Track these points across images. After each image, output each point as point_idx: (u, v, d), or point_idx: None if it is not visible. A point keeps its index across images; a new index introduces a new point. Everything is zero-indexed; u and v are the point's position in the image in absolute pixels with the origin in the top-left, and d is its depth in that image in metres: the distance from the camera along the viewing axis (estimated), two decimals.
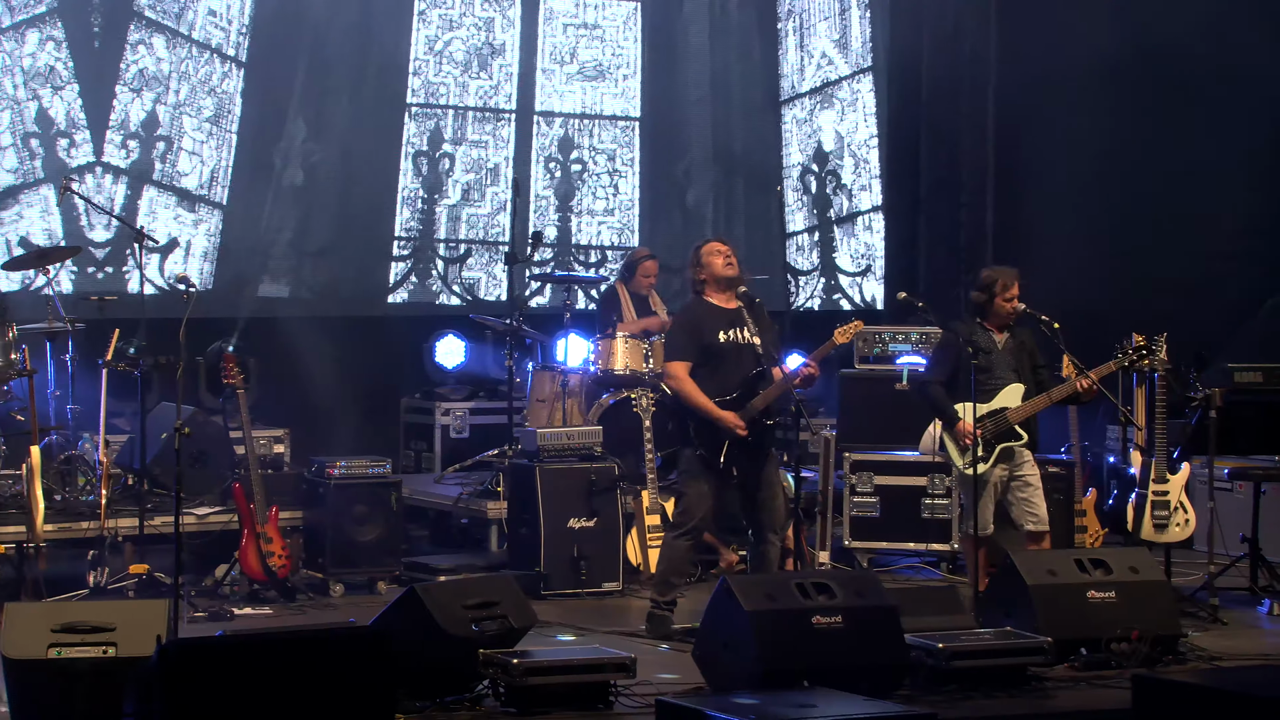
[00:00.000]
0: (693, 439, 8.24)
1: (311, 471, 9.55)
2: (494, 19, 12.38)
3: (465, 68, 12.28)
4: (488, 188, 12.31)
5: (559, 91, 12.58)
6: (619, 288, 10.93)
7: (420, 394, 11.93)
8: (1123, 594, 7.78)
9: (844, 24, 13.17)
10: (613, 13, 12.71)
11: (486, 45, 12.33)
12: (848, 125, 13.18)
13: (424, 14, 12.21)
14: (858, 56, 13.21)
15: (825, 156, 13.15)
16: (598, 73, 12.67)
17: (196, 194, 11.47)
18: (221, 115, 11.50)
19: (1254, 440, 9.50)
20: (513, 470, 9.78)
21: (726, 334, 8.25)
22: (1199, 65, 11.73)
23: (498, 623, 7.18)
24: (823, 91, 13.21)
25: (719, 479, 8.24)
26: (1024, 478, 8.58)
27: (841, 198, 13.23)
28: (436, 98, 12.23)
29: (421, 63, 12.18)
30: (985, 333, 8.64)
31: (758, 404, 8.19)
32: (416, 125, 12.19)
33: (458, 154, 12.23)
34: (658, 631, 8.32)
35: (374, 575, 9.41)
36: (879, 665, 7.13)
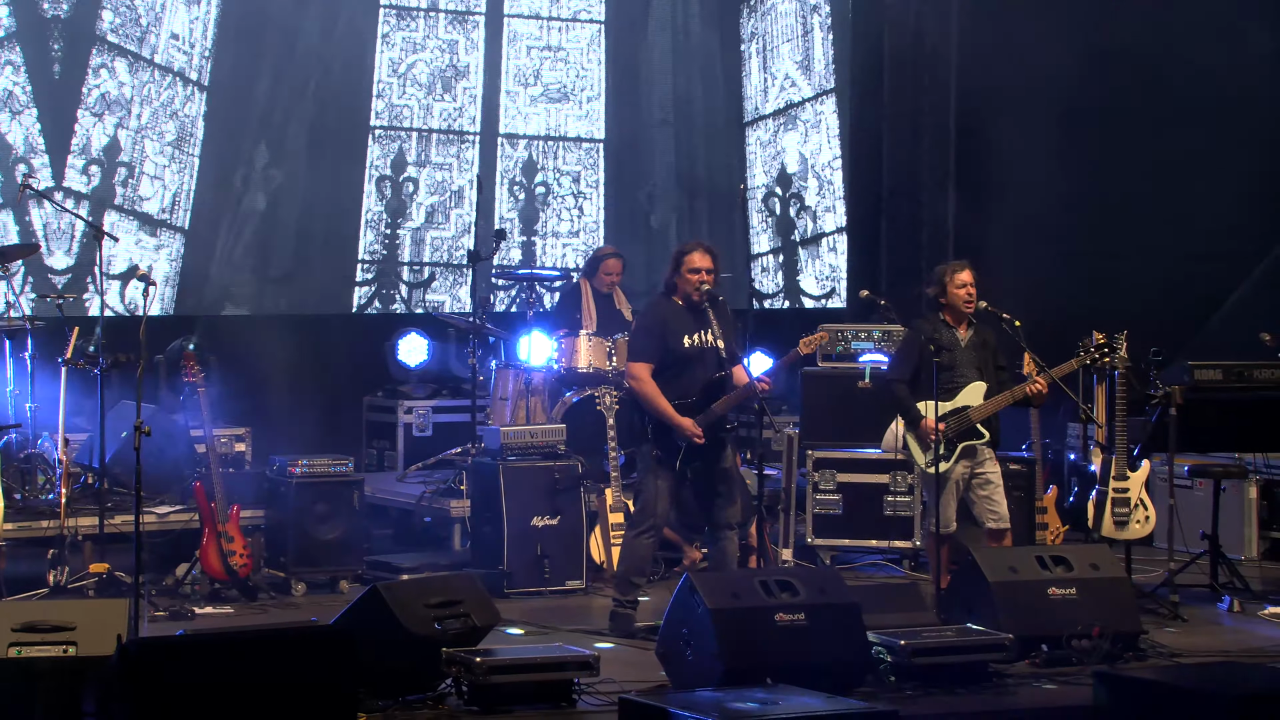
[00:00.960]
0: (650, 439, 8.25)
1: (273, 470, 9.52)
2: (458, 41, 12.36)
3: (429, 90, 12.26)
4: (452, 210, 12.29)
5: (523, 114, 12.58)
6: (582, 284, 10.93)
7: (383, 392, 11.89)
8: (1084, 591, 7.82)
9: (806, 45, 13.22)
10: (576, 35, 12.71)
11: (450, 68, 12.31)
12: (811, 147, 13.23)
13: (388, 36, 12.17)
14: (820, 78, 13.26)
15: (789, 179, 13.19)
16: (562, 95, 12.67)
17: (158, 218, 11.41)
18: (183, 139, 11.46)
19: (1214, 438, 9.58)
20: (476, 468, 9.77)
21: (691, 338, 8.26)
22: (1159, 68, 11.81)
23: (461, 621, 7.17)
24: (786, 113, 13.25)
25: (676, 478, 8.26)
26: (985, 475, 8.62)
27: (806, 219, 13.27)
28: (400, 120, 12.20)
29: (385, 85, 12.15)
30: (948, 329, 8.68)
31: (718, 409, 8.21)
32: (380, 148, 12.16)
33: (421, 176, 12.22)
34: (620, 630, 8.32)
35: (336, 574, 9.38)
36: (841, 662, 7.16)
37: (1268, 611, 8.81)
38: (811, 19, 13.25)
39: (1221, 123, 11.92)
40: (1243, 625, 8.67)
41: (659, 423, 8.21)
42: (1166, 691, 6.44)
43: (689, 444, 8.17)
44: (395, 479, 11.11)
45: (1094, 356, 8.67)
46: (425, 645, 7.00)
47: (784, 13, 13.23)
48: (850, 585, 7.65)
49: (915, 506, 10.05)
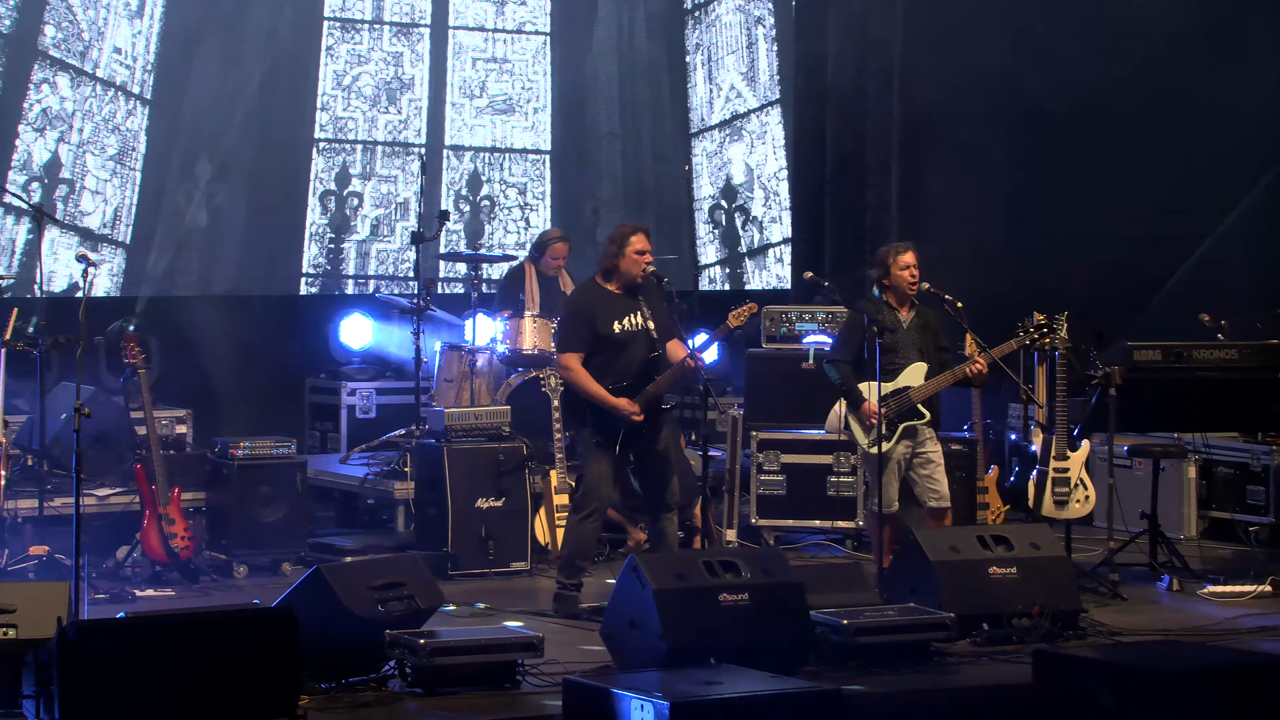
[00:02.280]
0: (589, 423, 8.26)
1: (215, 452, 9.47)
2: (403, 53, 12.29)
3: (374, 102, 12.19)
4: (397, 223, 12.24)
5: (469, 126, 12.53)
6: (526, 267, 10.90)
7: (326, 374, 11.84)
8: (1024, 570, 7.88)
9: (751, 57, 13.24)
10: (522, 46, 12.66)
11: (395, 80, 12.25)
12: (757, 158, 13.25)
13: (332, 49, 12.10)
14: (765, 89, 13.29)
15: (735, 190, 13.21)
16: (507, 107, 12.63)
17: (99, 233, 11.30)
18: (125, 153, 11.36)
19: (1153, 418, 9.66)
20: (420, 450, 9.75)
21: (620, 323, 8.27)
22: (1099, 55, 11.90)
23: (404, 603, 7.16)
24: (732, 124, 13.27)
25: (616, 462, 8.27)
26: (926, 455, 8.68)
27: (752, 230, 13.30)
28: (345, 133, 12.14)
29: (329, 98, 12.08)
30: (891, 311, 8.73)
31: (652, 389, 8.23)
32: (325, 161, 12.08)
33: (366, 189, 12.15)
34: (565, 611, 8.34)
35: (278, 556, 9.34)
36: (785, 642, 7.19)
37: (1206, 590, 8.90)
38: (756, 30, 13.27)
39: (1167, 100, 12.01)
40: (1182, 604, 8.75)
41: (596, 407, 8.22)
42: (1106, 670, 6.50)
43: (628, 426, 8.18)
44: (338, 461, 11.07)
45: (1033, 337, 8.73)
46: (368, 627, 6.98)
47: (728, 24, 13.23)
48: (794, 565, 7.70)
49: (858, 487, 10.10)
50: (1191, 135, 11.90)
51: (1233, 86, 11.71)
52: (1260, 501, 10.20)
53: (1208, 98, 11.86)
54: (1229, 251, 11.69)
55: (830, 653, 7.28)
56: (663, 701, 5.99)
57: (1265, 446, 10.19)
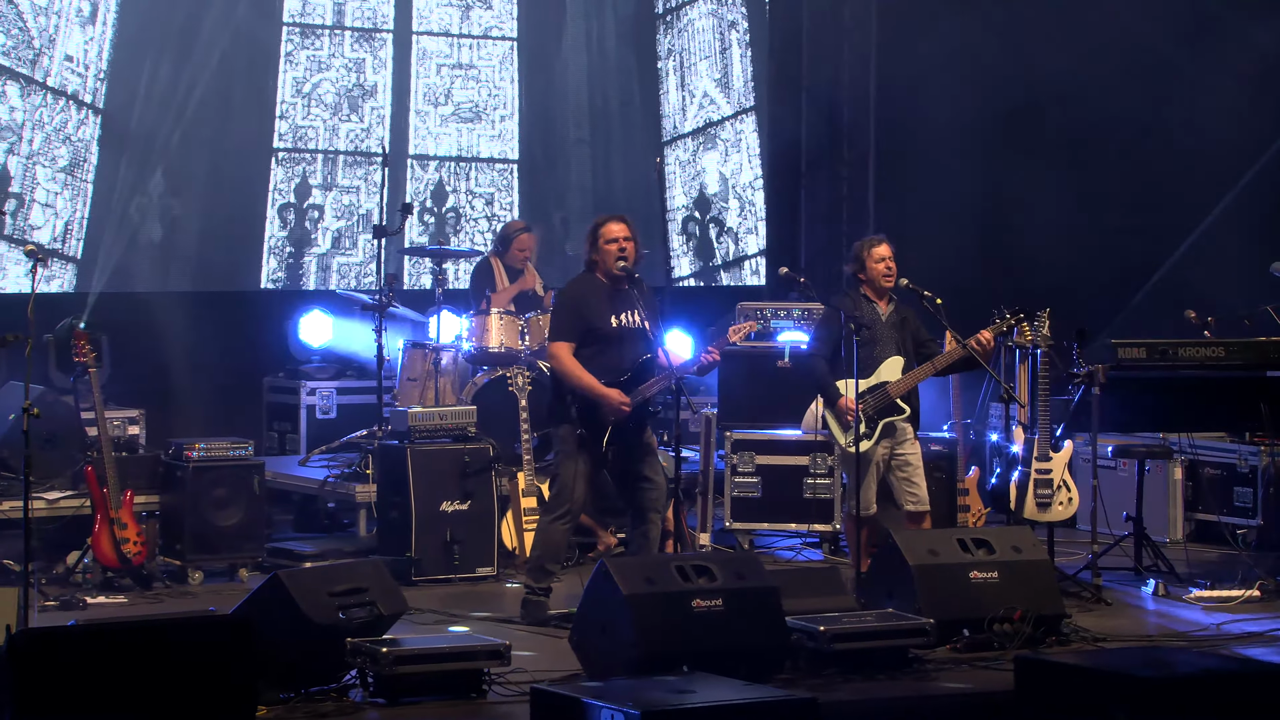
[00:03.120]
0: (574, 418, 8.24)
1: (168, 454, 9.44)
2: (365, 60, 12.25)
3: (335, 110, 12.15)
4: (360, 235, 12.20)
5: (433, 134, 12.50)
6: (493, 261, 10.90)
7: (284, 372, 11.81)
8: (1005, 574, 7.91)
9: (725, 62, 13.24)
10: (489, 52, 12.63)
11: (357, 87, 12.20)
12: (731, 166, 13.26)
13: (291, 55, 12.05)
14: (740, 95, 13.29)
15: (709, 201, 13.21)
16: (474, 114, 12.61)
17: (50, 247, 11.24)
18: (77, 165, 11.29)
19: (1138, 417, 9.71)
20: (382, 452, 9.72)
21: (618, 318, 8.26)
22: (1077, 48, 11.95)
23: (366, 610, 7.14)
24: (705, 132, 13.27)
25: (596, 460, 8.25)
26: (905, 456, 8.71)
27: (727, 242, 13.30)
28: (305, 142, 12.09)
29: (289, 106, 12.03)
30: (869, 304, 8.76)
31: (645, 390, 8.22)
32: (284, 171, 12.04)
33: (327, 201, 12.12)
34: (533, 617, 8.33)
35: (235, 562, 9.32)
36: (759, 648, 7.20)
37: (1193, 595, 8.95)
38: (729, 35, 13.27)
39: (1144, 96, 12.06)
40: (1167, 609, 8.80)
41: (584, 401, 8.20)
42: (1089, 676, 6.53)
43: (616, 421, 8.17)
44: (297, 463, 11.04)
45: (1010, 324, 8.76)
46: (328, 635, 6.97)
47: (701, 29, 13.23)
48: (769, 569, 7.71)
49: (835, 489, 10.12)
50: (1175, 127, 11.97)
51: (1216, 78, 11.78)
52: (1248, 503, 10.25)
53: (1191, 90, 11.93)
54: (1215, 246, 11.76)
55: (806, 659, 7.30)
56: (634, 711, 6.00)
57: (1253, 447, 10.25)
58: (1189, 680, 6.42)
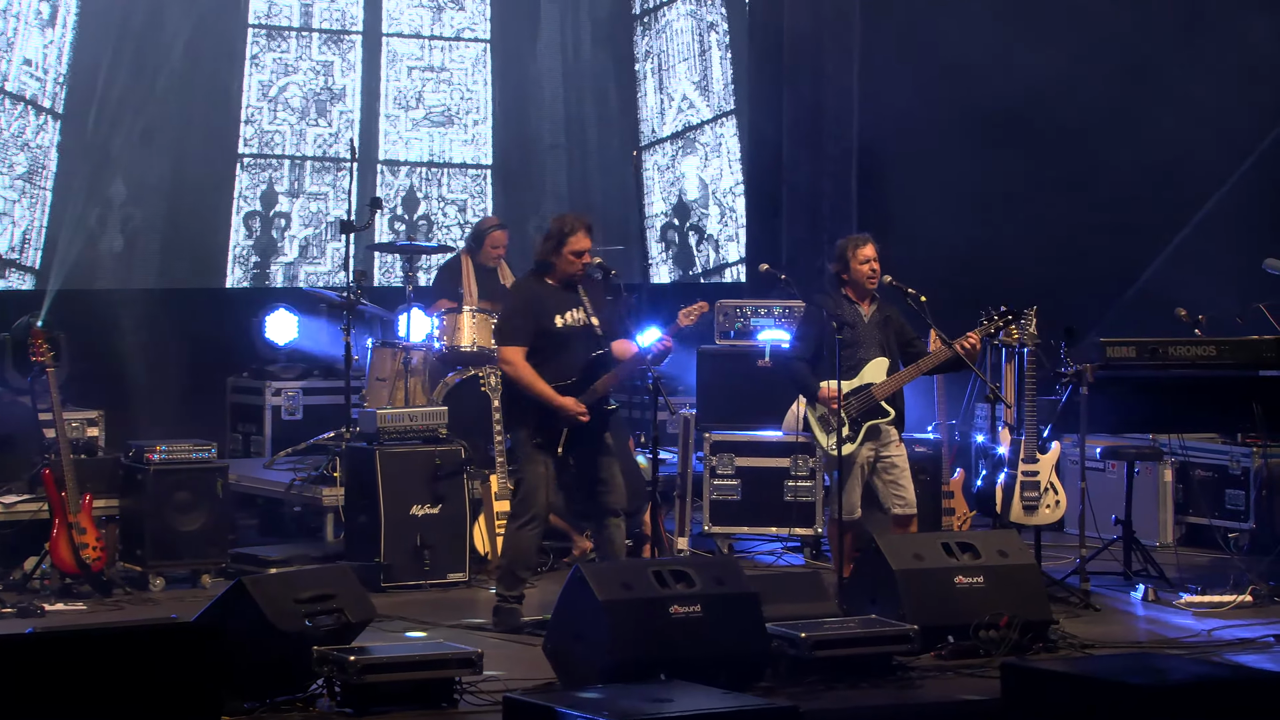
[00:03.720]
0: (529, 424, 8.25)
1: (129, 456, 9.41)
2: (333, 62, 12.21)
3: (302, 115, 12.11)
4: (328, 244, 12.17)
5: (404, 139, 12.47)
6: (464, 259, 10.89)
7: (249, 372, 11.78)
8: (991, 579, 7.93)
9: (704, 65, 13.24)
10: (461, 54, 12.61)
11: (325, 90, 12.16)
12: (711, 172, 13.26)
13: (257, 58, 12.00)
14: (720, 99, 13.29)
15: (688, 208, 13.20)
16: (445, 118, 12.58)
17: (6, 258, 11.19)
18: (35, 172, 11.23)
19: (1127, 418, 9.73)
20: (350, 454, 9.71)
21: (564, 318, 8.28)
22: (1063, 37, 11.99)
23: (333, 617, 7.14)
24: (684, 136, 13.26)
25: (557, 464, 8.27)
26: (891, 459, 8.72)
27: (707, 250, 13.30)
28: (271, 147, 12.05)
29: (255, 110, 11.99)
30: (851, 305, 8.77)
31: (598, 388, 8.23)
32: (249, 177, 12.00)
33: (294, 208, 12.09)
34: (506, 624, 8.33)
35: (198, 568, 9.31)
36: (739, 656, 7.21)
37: (1183, 600, 8.97)
38: (709, 36, 13.27)
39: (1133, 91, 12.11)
40: (1157, 614, 8.83)
41: (539, 407, 8.22)
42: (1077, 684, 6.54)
43: (571, 426, 8.18)
44: (262, 465, 11.03)
45: (998, 325, 8.79)
46: (295, 643, 6.96)
47: (680, 30, 13.22)
48: (749, 575, 7.71)
49: (817, 491, 10.14)
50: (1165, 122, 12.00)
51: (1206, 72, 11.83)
52: (1240, 506, 10.29)
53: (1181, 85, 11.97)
54: (1205, 243, 11.81)
55: (787, 667, 7.30)
56: None
57: (1245, 448, 10.29)
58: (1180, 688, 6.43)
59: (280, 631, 6.97)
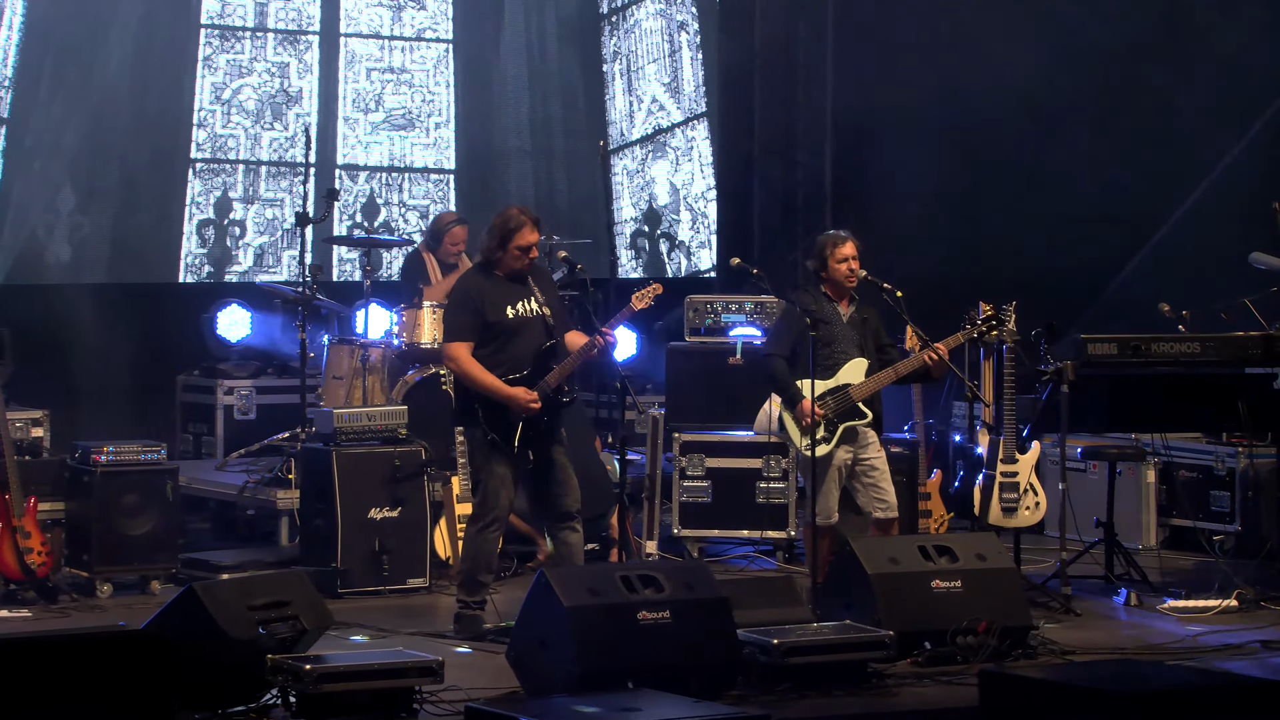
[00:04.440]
0: (481, 422, 8.24)
1: (75, 458, 9.37)
2: (289, 64, 12.16)
3: (257, 118, 12.06)
4: (284, 252, 12.12)
5: (363, 143, 12.43)
6: (425, 255, 10.87)
7: (200, 370, 11.74)
8: (969, 583, 7.95)
9: (674, 65, 13.23)
10: (422, 55, 12.57)
11: (281, 93, 12.11)
12: (683, 176, 13.26)
13: (210, 60, 11.94)
14: (691, 100, 13.29)
15: (658, 215, 13.19)
16: (406, 122, 12.54)
17: None
18: None
19: (1109, 417, 9.76)
20: (306, 455, 9.70)
21: (514, 308, 8.28)
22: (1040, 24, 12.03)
23: (288, 625, 7.13)
24: (654, 140, 13.26)
25: (515, 463, 8.26)
26: (870, 461, 8.73)
27: (679, 258, 13.29)
28: (224, 152, 12.00)
29: (207, 113, 11.93)
30: (829, 303, 8.77)
31: (551, 380, 8.24)
32: (202, 183, 11.95)
33: (249, 215, 12.03)
34: (467, 631, 8.32)
35: (147, 573, 9.28)
36: (709, 663, 7.22)
37: (1167, 605, 9.00)
38: (679, 36, 13.26)
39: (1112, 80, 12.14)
40: (1140, 620, 8.86)
41: (489, 403, 8.22)
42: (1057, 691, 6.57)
43: (526, 420, 8.17)
44: (214, 467, 11.01)
45: (981, 330, 8.81)
46: (247, 651, 6.95)
47: (649, 30, 13.21)
48: (720, 579, 7.72)
49: (790, 493, 10.15)
50: (1146, 113, 12.05)
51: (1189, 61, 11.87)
52: (1225, 508, 10.35)
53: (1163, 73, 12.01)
54: (1189, 236, 11.85)
55: (759, 675, 7.31)
56: None
57: (1230, 448, 10.34)
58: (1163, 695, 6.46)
59: (233, 640, 6.95)
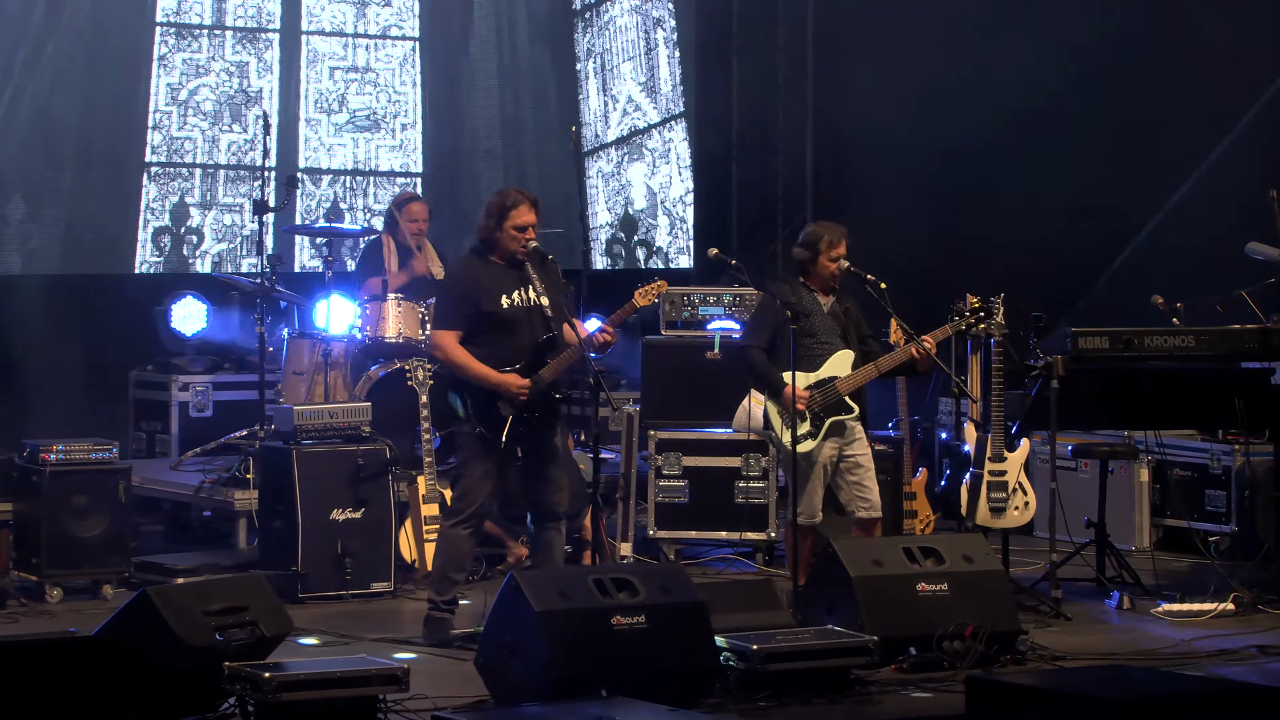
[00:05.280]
0: (470, 415, 8.21)
1: (23, 457, 9.35)
2: (248, 63, 12.12)
3: (215, 120, 12.01)
4: (242, 259, 12.08)
5: (326, 145, 12.39)
6: (384, 240, 10.86)
7: (153, 365, 11.72)
8: (956, 586, 7.96)
9: (651, 64, 13.22)
10: (387, 54, 12.55)
11: (240, 93, 12.07)
12: (660, 180, 13.25)
13: (165, 59, 11.91)
14: (668, 100, 13.28)
15: (634, 220, 13.17)
16: (371, 123, 12.53)
17: None
18: None
19: (1101, 413, 9.78)
20: (265, 454, 9.69)
21: (510, 297, 8.25)
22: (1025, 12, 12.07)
23: (246, 631, 7.12)
24: (630, 141, 13.24)
25: (501, 459, 8.24)
26: (855, 458, 8.73)
27: (656, 264, 13.29)
28: (181, 155, 11.96)
29: (162, 115, 11.89)
30: (809, 293, 8.77)
31: (546, 374, 8.21)
32: (157, 188, 11.90)
33: (206, 221, 11.98)
34: (435, 637, 8.32)
35: (98, 577, 9.26)
36: (686, 670, 7.23)
37: (1161, 609, 9.03)
38: (655, 33, 13.26)
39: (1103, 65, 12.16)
40: (1133, 624, 8.89)
41: (479, 394, 8.19)
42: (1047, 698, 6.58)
43: (516, 410, 8.15)
44: (169, 466, 11.00)
45: (969, 322, 8.82)
46: (204, 659, 6.94)
47: (624, 27, 13.20)
48: (697, 583, 7.72)
49: (770, 493, 10.16)
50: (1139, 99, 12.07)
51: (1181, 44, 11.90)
52: (1220, 508, 10.38)
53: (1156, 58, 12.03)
54: (1183, 226, 11.88)
55: (737, 682, 7.32)
56: None
57: (1226, 446, 10.38)
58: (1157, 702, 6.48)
59: (188, 646, 6.94)
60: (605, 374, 8.48)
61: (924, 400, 11.14)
